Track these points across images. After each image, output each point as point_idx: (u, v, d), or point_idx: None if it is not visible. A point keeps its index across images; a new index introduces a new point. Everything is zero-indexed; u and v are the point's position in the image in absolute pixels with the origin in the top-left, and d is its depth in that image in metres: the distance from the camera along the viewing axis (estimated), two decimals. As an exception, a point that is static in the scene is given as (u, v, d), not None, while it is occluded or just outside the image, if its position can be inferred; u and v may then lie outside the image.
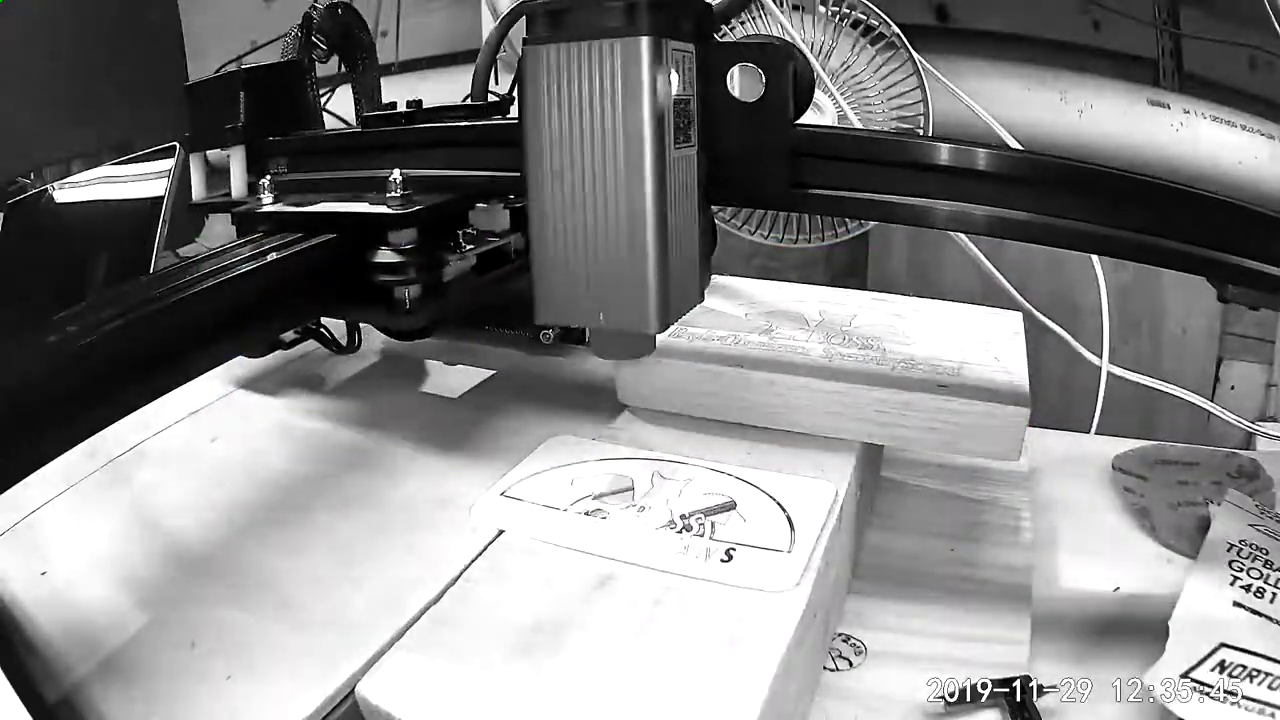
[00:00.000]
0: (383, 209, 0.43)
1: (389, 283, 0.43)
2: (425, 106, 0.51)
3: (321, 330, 0.57)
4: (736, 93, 0.39)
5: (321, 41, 0.57)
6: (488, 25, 1.11)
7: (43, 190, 0.89)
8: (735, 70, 0.39)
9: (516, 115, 0.40)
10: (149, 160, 0.81)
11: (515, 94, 0.40)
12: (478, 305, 0.57)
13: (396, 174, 0.44)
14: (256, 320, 0.40)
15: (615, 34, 0.35)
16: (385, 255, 0.43)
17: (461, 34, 1.34)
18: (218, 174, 0.57)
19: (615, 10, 0.35)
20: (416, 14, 1.39)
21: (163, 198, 0.77)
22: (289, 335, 0.56)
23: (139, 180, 0.80)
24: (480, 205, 0.50)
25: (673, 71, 0.36)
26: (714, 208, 0.72)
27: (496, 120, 0.51)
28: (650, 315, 0.37)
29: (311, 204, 0.46)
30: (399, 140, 0.49)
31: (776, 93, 0.38)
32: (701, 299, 0.41)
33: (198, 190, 0.56)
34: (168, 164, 0.79)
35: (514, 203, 0.51)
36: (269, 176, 0.49)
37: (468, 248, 0.47)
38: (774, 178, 0.39)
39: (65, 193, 0.87)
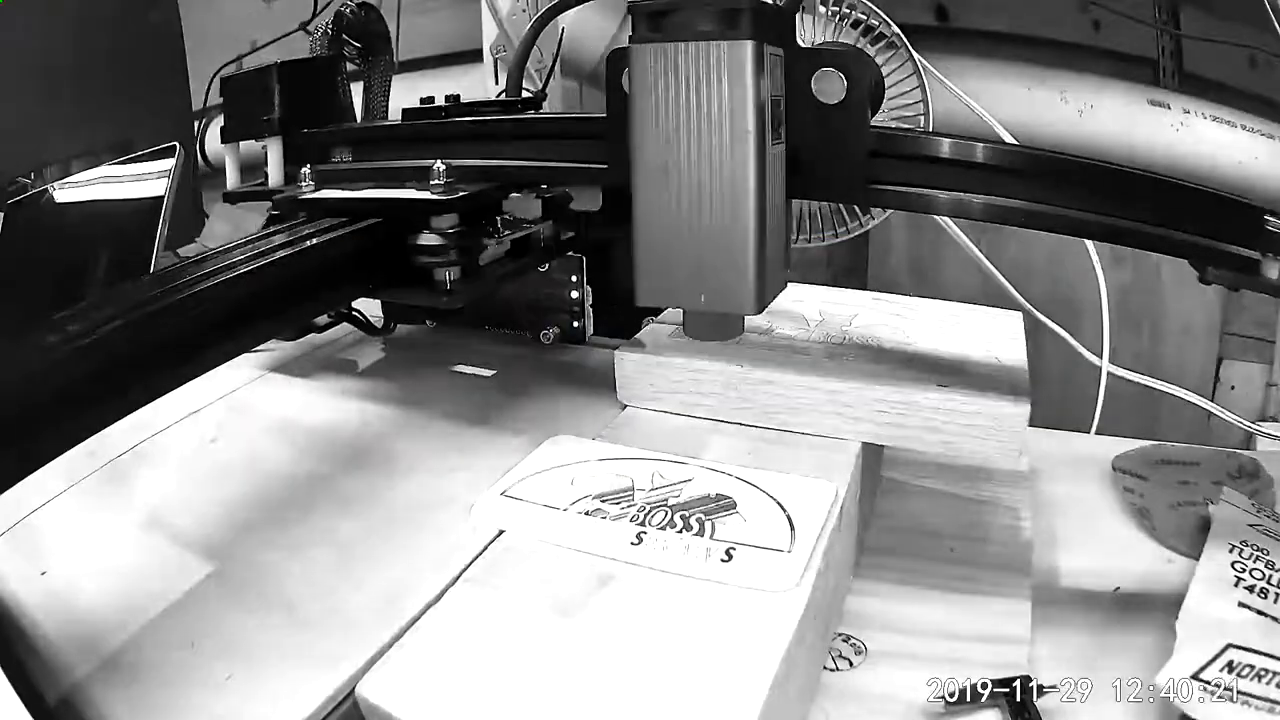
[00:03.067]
0: (427, 194, 0.45)
1: (431, 264, 0.45)
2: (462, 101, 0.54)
3: (355, 314, 0.59)
4: (818, 95, 0.41)
5: (353, 40, 0.59)
6: (488, 25, 1.11)
7: (43, 190, 0.89)
8: (818, 74, 0.41)
9: (606, 112, 0.44)
10: (149, 160, 0.81)
11: (609, 90, 0.43)
12: (508, 289, 0.59)
13: (439, 163, 0.46)
14: (303, 300, 0.42)
15: (719, 36, 0.37)
16: (428, 238, 0.45)
17: (461, 34, 1.34)
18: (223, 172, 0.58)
19: (718, 14, 0.38)
20: (416, 14, 1.39)
21: (163, 197, 0.77)
22: (322, 319, 0.58)
23: (139, 180, 0.80)
24: (515, 194, 0.51)
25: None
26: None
27: (531, 115, 0.53)
28: (749, 297, 0.40)
29: (353, 191, 0.48)
30: (439, 133, 0.51)
31: (858, 96, 0.40)
32: (785, 286, 0.44)
33: (232, 180, 0.58)
34: (168, 164, 0.79)
35: (546, 192, 0.53)
36: (309, 166, 0.50)
37: (505, 233, 0.49)
38: (852, 175, 0.42)
39: (65, 193, 0.87)
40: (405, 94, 0.57)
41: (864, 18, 0.71)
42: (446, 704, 0.28)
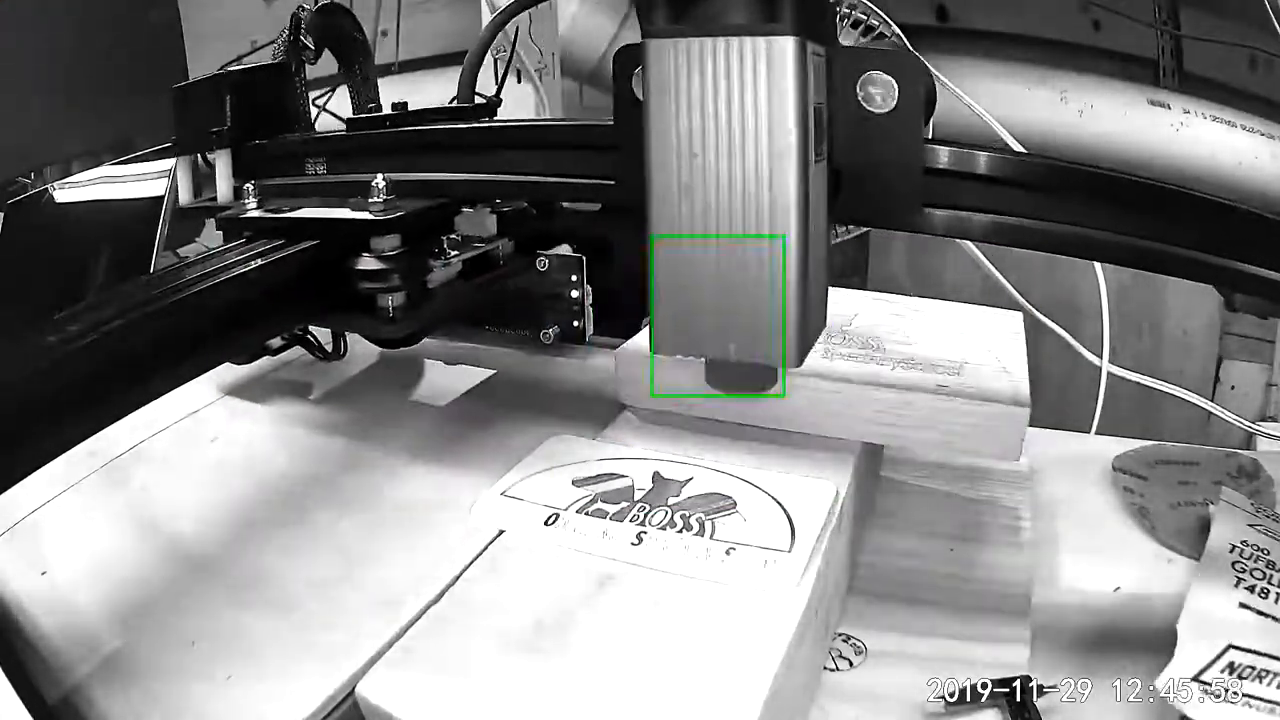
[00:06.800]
0: (364, 214, 0.42)
1: (372, 290, 0.41)
2: (412, 109, 0.51)
3: (308, 337, 0.56)
4: (865, 103, 0.35)
5: (310, 42, 0.56)
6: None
7: (43, 190, 0.89)
8: (864, 77, 0.34)
9: (612, 118, 0.37)
10: (149, 160, 0.81)
11: (616, 95, 0.37)
12: (465, 312, 0.56)
13: (380, 179, 0.43)
14: (237, 329, 0.39)
15: (754, 31, 0.31)
16: (367, 262, 0.41)
17: (461, 34, 1.34)
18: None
19: (755, 2, 0.31)
20: (416, 14, 1.39)
21: (163, 198, 0.77)
22: (276, 342, 0.55)
23: (139, 180, 0.80)
24: (466, 210, 0.49)
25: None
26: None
27: (483, 123, 0.50)
28: (790, 347, 0.33)
29: (294, 209, 0.45)
30: (382, 144, 0.48)
31: (911, 105, 0.34)
32: (825, 325, 0.37)
33: (185, 195, 0.55)
34: (168, 164, 0.79)
35: (500, 207, 0.50)
36: (253, 181, 0.48)
37: (453, 254, 0.46)
38: (905, 196, 0.35)
39: (65, 193, 0.87)
40: (406, 94, 0.57)
41: (864, 18, 0.71)
42: (446, 704, 0.28)
